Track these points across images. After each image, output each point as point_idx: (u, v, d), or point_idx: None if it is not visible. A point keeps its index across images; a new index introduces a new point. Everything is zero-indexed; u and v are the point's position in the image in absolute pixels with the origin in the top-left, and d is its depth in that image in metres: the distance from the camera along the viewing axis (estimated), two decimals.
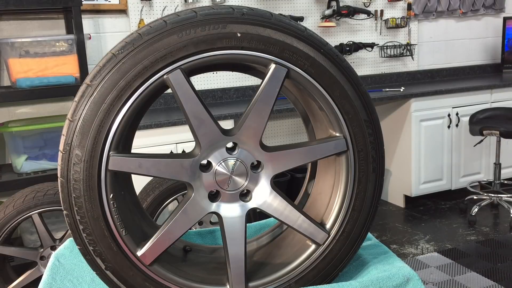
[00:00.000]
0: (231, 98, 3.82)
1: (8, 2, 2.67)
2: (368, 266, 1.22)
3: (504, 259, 3.16)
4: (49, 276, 1.18)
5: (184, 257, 1.21)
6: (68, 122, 0.99)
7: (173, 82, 1.01)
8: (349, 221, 1.13)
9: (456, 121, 4.00)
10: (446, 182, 4.11)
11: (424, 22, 4.44)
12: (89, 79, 0.99)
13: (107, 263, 1.05)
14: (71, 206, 1.01)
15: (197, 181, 1.07)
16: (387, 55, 4.27)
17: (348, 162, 1.12)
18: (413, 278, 1.13)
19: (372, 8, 4.15)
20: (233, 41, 1.02)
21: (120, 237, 1.04)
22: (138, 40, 0.99)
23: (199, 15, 1.01)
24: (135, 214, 1.15)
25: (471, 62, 4.75)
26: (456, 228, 3.70)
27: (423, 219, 3.90)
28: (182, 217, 1.07)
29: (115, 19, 3.41)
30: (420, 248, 3.42)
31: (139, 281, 1.07)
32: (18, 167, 2.80)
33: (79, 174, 0.99)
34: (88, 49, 2.94)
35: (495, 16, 4.72)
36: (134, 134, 1.13)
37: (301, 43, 1.06)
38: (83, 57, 2.81)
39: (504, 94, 4.16)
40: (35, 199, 2.39)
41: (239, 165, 1.08)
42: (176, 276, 1.10)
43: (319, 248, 1.14)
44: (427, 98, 3.88)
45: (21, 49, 2.76)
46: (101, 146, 0.99)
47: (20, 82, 2.73)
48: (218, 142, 1.06)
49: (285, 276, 1.14)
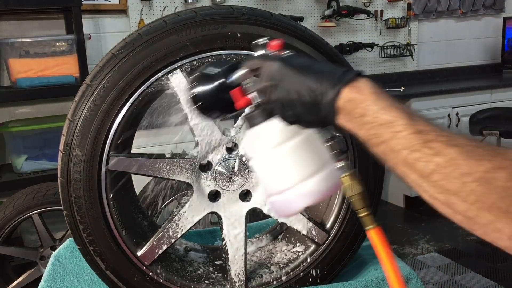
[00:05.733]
0: None
1: (8, 2, 2.67)
2: (368, 266, 1.22)
3: (504, 259, 3.15)
4: (49, 276, 1.18)
5: (184, 257, 1.20)
6: (68, 122, 0.99)
7: (173, 82, 1.01)
8: (349, 221, 1.13)
9: (456, 121, 3.99)
10: None
11: (424, 22, 4.44)
12: (89, 79, 0.99)
13: (107, 263, 1.05)
14: (71, 206, 1.01)
15: (197, 181, 1.07)
16: (387, 55, 4.27)
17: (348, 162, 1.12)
18: (413, 278, 1.13)
19: (372, 8, 4.14)
20: (233, 41, 1.02)
21: (120, 237, 1.04)
22: (138, 40, 0.99)
23: (199, 15, 1.01)
24: (135, 214, 1.15)
25: (471, 62, 4.74)
26: (456, 228, 3.70)
27: (423, 219, 3.90)
28: (182, 217, 1.07)
29: (115, 19, 3.41)
30: (420, 248, 3.41)
31: (139, 281, 1.07)
32: (18, 167, 2.80)
33: (79, 174, 0.99)
34: (88, 49, 2.93)
35: (495, 16, 4.71)
36: (134, 134, 1.13)
37: (301, 43, 1.06)
38: (83, 57, 2.81)
39: (504, 94, 4.15)
40: (35, 199, 2.39)
41: (239, 165, 1.08)
42: (176, 276, 1.10)
43: (319, 248, 1.14)
44: (427, 98, 3.88)
45: (21, 49, 2.76)
46: (101, 146, 0.99)
47: (20, 82, 2.72)
48: (218, 142, 1.06)
49: (285, 276, 1.14)
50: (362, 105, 0.66)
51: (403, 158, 0.62)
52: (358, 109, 0.66)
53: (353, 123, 0.67)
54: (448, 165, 0.58)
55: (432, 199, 0.61)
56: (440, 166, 0.59)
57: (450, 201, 0.58)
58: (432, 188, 0.60)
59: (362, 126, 0.66)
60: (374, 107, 0.65)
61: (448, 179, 0.58)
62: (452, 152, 0.59)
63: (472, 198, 0.57)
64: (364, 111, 0.65)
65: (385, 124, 0.64)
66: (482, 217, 0.57)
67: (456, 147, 0.59)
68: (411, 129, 0.62)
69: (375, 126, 0.64)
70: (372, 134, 0.65)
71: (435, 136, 0.61)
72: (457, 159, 0.58)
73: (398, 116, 0.63)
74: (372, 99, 0.65)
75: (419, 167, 0.60)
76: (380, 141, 0.64)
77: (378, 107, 0.65)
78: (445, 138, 0.61)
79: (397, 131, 0.62)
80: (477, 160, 0.58)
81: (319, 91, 0.68)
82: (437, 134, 0.61)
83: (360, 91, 0.66)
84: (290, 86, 0.70)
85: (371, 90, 0.66)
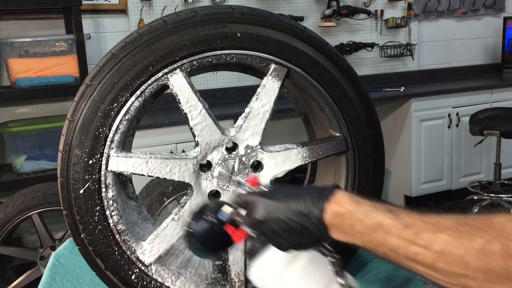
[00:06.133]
0: (231, 98, 3.81)
1: (8, 2, 2.67)
2: (368, 266, 1.22)
3: None
4: (48, 276, 1.18)
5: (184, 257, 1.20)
6: (68, 122, 0.99)
7: (173, 82, 1.01)
8: None
9: (456, 121, 3.99)
10: (447, 182, 4.10)
11: (424, 22, 4.43)
12: (89, 79, 0.99)
13: (107, 263, 1.04)
14: (71, 206, 1.01)
15: (197, 181, 1.07)
16: (387, 55, 4.27)
17: (348, 162, 1.12)
18: (413, 278, 1.13)
19: (372, 8, 4.14)
20: (233, 41, 1.02)
21: (120, 237, 1.04)
22: (138, 40, 0.99)
23: (199, 15, 1.01)
24: (135, 213, 1.14)
25: (471, 62, 4.74)
26: None
27: None
28: (182, 218, 1.07)
29: (115, 19, 3.41)
30: None
31: (139, 282, 1.07)
32: (18, 167, 2.80)
33: (79, 174, 0.99)
34: (87, 49, 2.93)
35: (495, 16, 4.71)
36: (134, 134, 1.13)
37: (301, 43, 1.06)
38: (82, 57, 2.81)
39: (504, 94, 4.15)
40: (35, 199, 2.39)
41: (239, 165, 1.08)
42: (175, 276, 1.10)
43: None
44: (427, 98, 3.88)
45: (20, 49, 2.76)
46: (101, 146, 0.99)
47: (20, 82, 2.72)
48: (218, 142, 1.06)
49: None
50: (347, 217, 0.71)
51: (403, 255, 0.66)
52: (345, 222, 0.71)
53: (347, 235, 0.71)
54: (445, 252, 0.62)
55: (447, 284, 0.64)
56: (438, 254, 0.62)
57: (462, 282, 0.62)
58: (441, 276, 0.63)
59: (355, 235, 0.71)
60: (359, 216, 0.70)
61: (450, 264, 0.61)
62: (443, 238, 0.62)
63: (479, 275, 0.60)
64: (351, 221, 0.70)
65: (375, 229, 0.68)
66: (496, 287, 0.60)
67: (445, 232, 0.63)
68: (399, 225, 0.66)
69: (366, 233, 0.69)
70: (367, 240, 0.69)
71: (422, 226, 0.65)
72: (450, 244, 0.62)
73: (382, 218, 0.68)
74: (354, 209, 0.70)
75: (421, 260, 0.64)
76: (377, 244, 0.68)
77: (361, 215, 0.70)
78: (432, 226, 0.64)
79: (387, 232, 0.67)
80: (469, 240, 0.61)
81: (306, 211, 0.72)
82: (423, 222, 0.65)
83: (342, 204, 0.71)
84: (278, 217, 0.74)
85: (349, 200, 0.72)
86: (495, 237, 0.59)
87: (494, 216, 0.62)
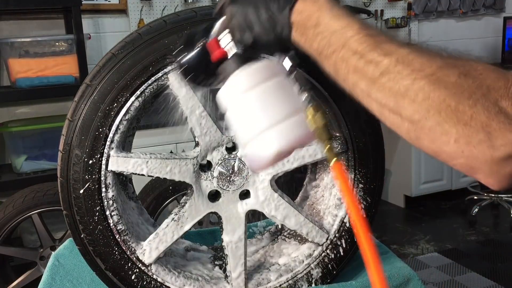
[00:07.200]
0: None
1: (8, 2, 2.67)
2: None
3: (504, 259, 3.15)
4: (48, 276, 1.18)
5: (184, 257, 1.20)
6: (68, 122, 0.99)
7: (173, 82, 1.01)
8: (349, 221, 1.13)
9: None
10: (446, 182, 4.11)
11: (424, 22, 4.43)
12: (89, 79, 0.99)
13: (107, 263, 1.04)
14: (71, 206, 1.01)
15: (197, 181, 1.06)
16: None
17: (348, 162, 1.12)
18: (413, 278, 1.13)
19: (372, 8, 4.14)
20: None
21: (120, 237, 1.04)
22: (138, 40, 0.99)
23: (199, 15, 1.01)
24: (135, 214, 1.14)
25: None
26: (456, 228, 3.69)
27: (423, 219, 3.90)
28: (182, 217, 1.07)
29: (115, 19, 3.41)
30: (420, 248, 3.41)
31: (139, 282, 1.07)
32: (17, 167, 2.80)
33: (79, 174, 0.99)
34: (87, 49, 2.93)
35: (495, 16, 4.71)
36: (134, 134, 1.13)
37: None
38: (82, 57, 2.81)
39: None
40: (35, 199, 2.39)
41: (239, 165, 1.08)
42: (176, 276, 1.10)
43: (319, 248, 1.14)
44: None
45: (20, 49, 2.76)
46: (101, 146, 0.99)
47: (20, 82, 2.72)
48: (218, 142, 1.06)
49: (285, 276, 1.14)
50: (315, 15, 0.65)
51: (354, 65, 0.60)
52: (311, 20, 0.65)
53: (306, 36, 0.66)
54: (399, 63, 0.56)
55: (381, 107, 0.58)
56: (391, 65, 0.57)
57: (398, 104, 0.56)
58: (380, 93, 0.58)
59: (315, 37, 0.65)
60: (327, 16, 0.64)
61: (397, 79, 0.56)
62: (404, 51, 0.57)
63: (421, 96, 0.54)
64: (317, 20, 0.65)
65: (338, 31, 0.63)
66: (430, 118, 0.54)
67: (409, 47, 0.57)
68: (363, 32, 0.61)
69: (327, 36, 0.63)
70: (324, 45, 0.64)
71: (387, 38, 0.59)
72: (408, 57, 0.56)
73: (350, 23, 0.63)
74: (326, 9, 0.65)
75: (369, 71, 0.58)
76: (332, 50, 0.63)
77: (331, 15, 0.64)
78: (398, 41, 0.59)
79: (349, 36, 0.61)
80: (430, 57, 0.55)
81: (276, 6, 0.68)
82: (390, 37, 0.60)
83: (315, 2, 0.66)
84: (248, 8, 0.70)
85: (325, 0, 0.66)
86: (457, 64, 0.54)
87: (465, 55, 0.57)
